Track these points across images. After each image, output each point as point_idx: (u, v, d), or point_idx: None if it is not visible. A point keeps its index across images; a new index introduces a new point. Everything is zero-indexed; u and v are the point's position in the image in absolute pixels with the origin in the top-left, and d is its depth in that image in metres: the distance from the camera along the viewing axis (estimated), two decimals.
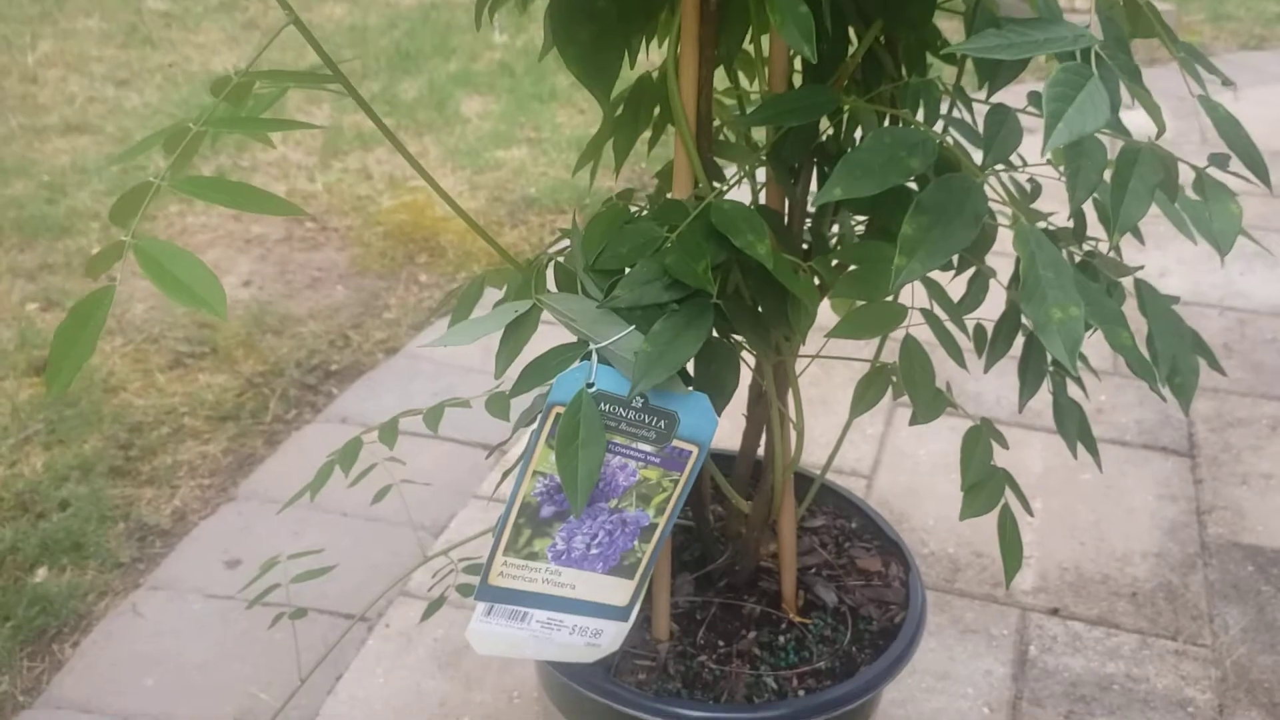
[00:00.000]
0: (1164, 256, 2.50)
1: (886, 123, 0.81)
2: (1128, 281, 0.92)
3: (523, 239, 2.67)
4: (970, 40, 0.55)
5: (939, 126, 0.87)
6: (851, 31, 0.84)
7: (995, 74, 0.77)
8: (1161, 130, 0.66)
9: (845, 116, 0.84)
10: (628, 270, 0.79)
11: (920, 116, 0.74)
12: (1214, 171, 0.85)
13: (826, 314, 2.18)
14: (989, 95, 0.86)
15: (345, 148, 3.08)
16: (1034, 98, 0.69)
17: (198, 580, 1.59)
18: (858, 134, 0.86)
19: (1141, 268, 0.96)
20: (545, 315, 0.81)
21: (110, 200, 2.77)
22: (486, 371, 2.10)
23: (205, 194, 0.67)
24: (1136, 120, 3.10)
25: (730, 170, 1.63)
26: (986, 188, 0.93)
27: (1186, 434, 1.92)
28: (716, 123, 0.95)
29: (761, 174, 0.94)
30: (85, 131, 3.19)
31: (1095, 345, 2.13)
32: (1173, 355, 0.89)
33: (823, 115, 0.75)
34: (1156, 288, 0.88)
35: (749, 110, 0.96)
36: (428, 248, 2.59)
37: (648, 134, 0.96)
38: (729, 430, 1.76)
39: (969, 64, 0.93)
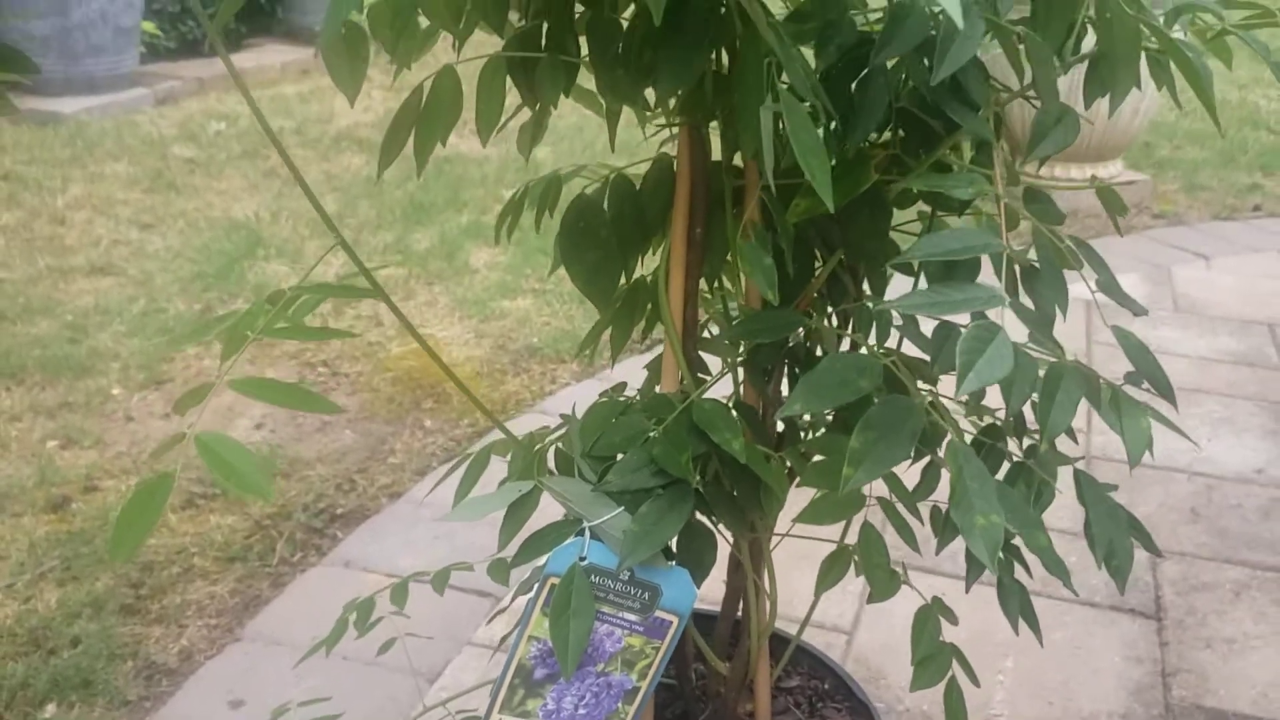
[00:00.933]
0: None
1: (845, 344, 0.94)
2: (1068, 471, 1.02)
3: (524, 386, 2.80)
4: (901, 299, 0.67)
5: (894, 333, 1.00)
6: (818, 251, 0.97)
7: None
8: (1062, 359, 0.78)
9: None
10: (619, 457, 0.90)
11: (873, 338, 0.86)
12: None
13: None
14: None
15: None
16: (977, 316, 0.82)
17: None
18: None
19: (1082, 458, 1.07)
20: None
21: (130, 341, 2.90)
22: (486, 520, 2.19)
23: (261, 394, 0.78)
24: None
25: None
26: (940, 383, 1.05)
27: (1153, 597, 2.00)
28: (702, 316, 1.08)
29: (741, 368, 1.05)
30: (109, 273, 3.34)
31: (1068, 506, 2.22)
32: (1109, 540, 1.00)
33: (790, 333, 0.87)
34: (1112, 460, 0.98)
35: (728, 309, 1.09)
36: (434, 394, 2.71)
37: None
38: (710, 587, 1.85)
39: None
